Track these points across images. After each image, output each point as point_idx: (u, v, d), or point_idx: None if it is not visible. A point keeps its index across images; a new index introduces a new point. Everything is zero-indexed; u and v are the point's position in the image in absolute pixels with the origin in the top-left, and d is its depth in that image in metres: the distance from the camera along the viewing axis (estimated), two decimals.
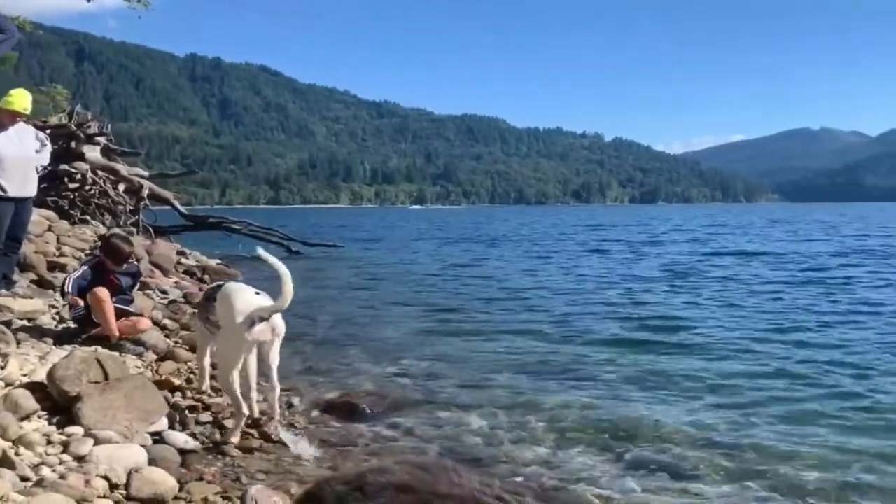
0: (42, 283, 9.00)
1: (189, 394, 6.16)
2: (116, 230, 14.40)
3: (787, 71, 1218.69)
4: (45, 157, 8.35)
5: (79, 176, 18.78)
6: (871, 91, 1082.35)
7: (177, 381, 6.41)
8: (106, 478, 4.12)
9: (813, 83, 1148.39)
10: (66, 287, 6.99)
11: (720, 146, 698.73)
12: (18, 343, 6.34)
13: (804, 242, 32.89)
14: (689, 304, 13.41)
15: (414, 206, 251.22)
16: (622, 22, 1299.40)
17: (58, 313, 7.77)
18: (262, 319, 5.13)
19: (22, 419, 4.68)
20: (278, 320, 5.30)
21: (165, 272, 13.19)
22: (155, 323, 8.08)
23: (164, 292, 10.87)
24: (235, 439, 5.19)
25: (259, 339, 5.20)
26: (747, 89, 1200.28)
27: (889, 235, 37.95)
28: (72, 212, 17.90)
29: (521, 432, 5.88)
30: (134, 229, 18.62)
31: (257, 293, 5.42)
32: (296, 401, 6.51)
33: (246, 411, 5.25)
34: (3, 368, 5.48)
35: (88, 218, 18.45)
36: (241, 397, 5.23)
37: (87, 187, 19.05)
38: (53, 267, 9.81)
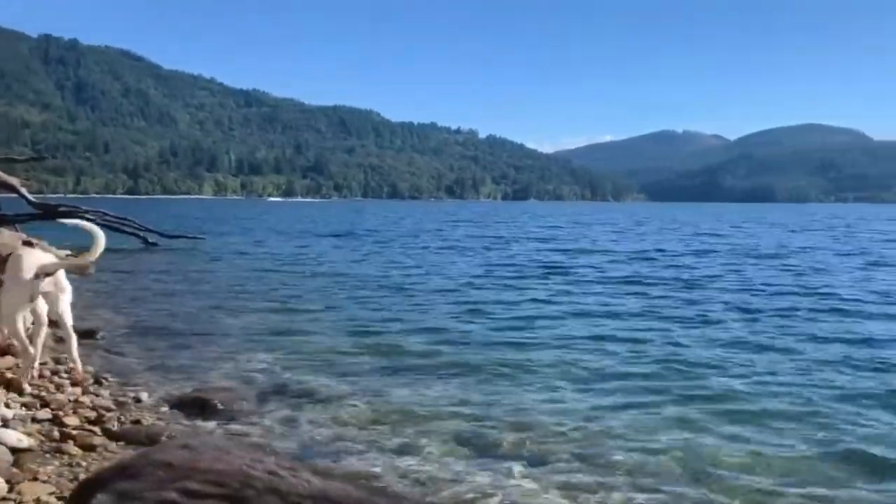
0: None
1: (28, 389, 5.88)
2: None
3: (654, 74, 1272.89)
4: None
5: None
6: (731, 96, 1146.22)
7: (14, 377, 6.11)
8: None
9: (677, 87, 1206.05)
10: None
11: (590, 146, 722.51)
12: None
13: (666, 241, 34.45)
14: (531, 303, 13.44)
15: (273, 199, 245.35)
16: (497, 20, 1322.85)
17: None
18: (47, 274, 5.81)
19: None
20: (62, 276, 6.03)
21: None
22: None
23: None
24: (25, 383, 5.89)
25: (42, 290, 5.84)
26: (616, 91, 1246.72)
27: (752, 236, 40.29)
28: None
29: (369, 425, 5.94)
30: None
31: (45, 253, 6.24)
32: (144, 396, 6.32)
33: (32, 351, 5.95)
34: None
35: None
36: (26, 340, 5.90)
37: None
38: None
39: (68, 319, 6.18)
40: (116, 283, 14.88)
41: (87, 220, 22.78)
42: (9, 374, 6.12)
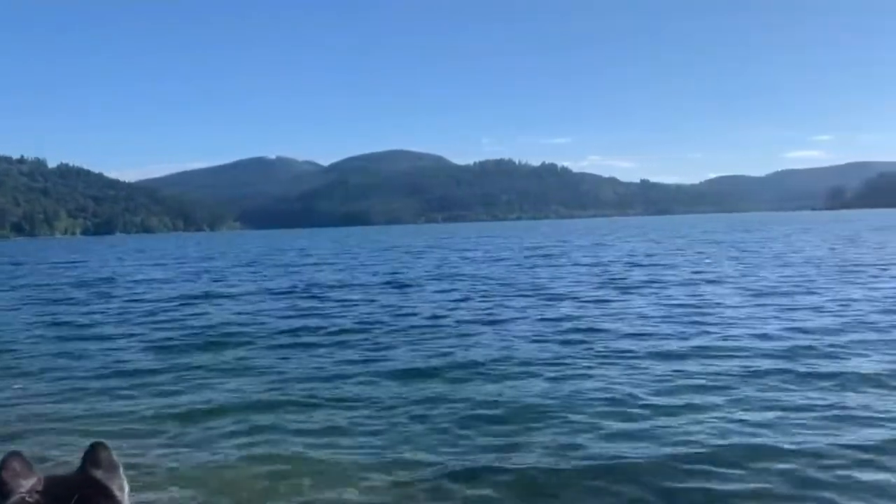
0: None
1: None
2: None
3: (242, 99, 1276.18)
4: None
5: None
6: (321, 122, 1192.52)
7: None
8: None
9: (267, 112, 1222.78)
10: None
11: (179, 173, 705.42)
12: None
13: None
14: None
15: None
16: (50, 40, 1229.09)
17: None
18: None
19: None
20: None
21: None
22: None
23: None
24: None
25: None
26: (204, 116, 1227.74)
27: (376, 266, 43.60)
28: None
29: None
30: None
31: None
32: None
33: None
34: None
35: None
36: None
37: None
38: None
39: None
40: None
41: None
42: None
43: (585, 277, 28.81)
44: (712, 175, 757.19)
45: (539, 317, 17.84)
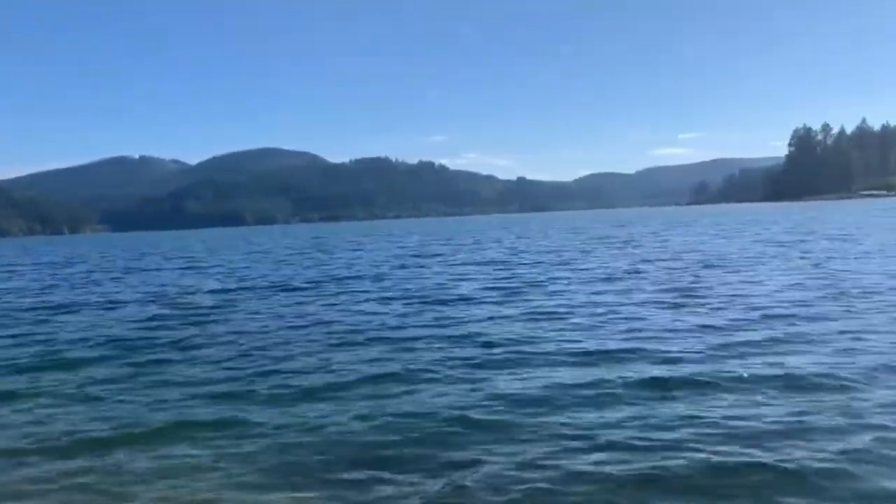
0: None
1: None
2: None
3: (98, 96, 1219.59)
4: None
5: None
6: (186, 121, 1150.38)
7: None
8: None
9: (128, 110, 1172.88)
10: None
11: (34, 174, 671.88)
12: None
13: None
14: None
15: None
16: None
17: None
18: None
19: None
20: None
21: None
22: None
23: None
24: None
25: None
26: (53, 116, 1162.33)
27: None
28: None
29: None
30: None
31: None
32: None
33: None
34: None
35: None
36: None
37: None
38: None
39: None
40: None
41: None
42: None
43: (476, 277, 27.74)
44: (585, 173, 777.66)
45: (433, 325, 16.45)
